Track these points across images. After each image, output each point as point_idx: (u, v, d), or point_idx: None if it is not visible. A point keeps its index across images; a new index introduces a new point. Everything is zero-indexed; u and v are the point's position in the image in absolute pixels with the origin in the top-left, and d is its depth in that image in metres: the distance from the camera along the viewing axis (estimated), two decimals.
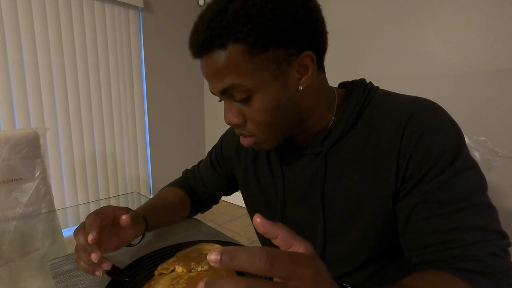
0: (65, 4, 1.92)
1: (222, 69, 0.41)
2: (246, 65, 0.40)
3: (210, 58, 0.41)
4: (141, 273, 0.48)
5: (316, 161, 0.50)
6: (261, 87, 0.42)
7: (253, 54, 0.40)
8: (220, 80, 0.42)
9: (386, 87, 0.52)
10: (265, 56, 0.40)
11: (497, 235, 0.38)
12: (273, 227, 0.25)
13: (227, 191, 0.74)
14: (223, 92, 0.44)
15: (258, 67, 0.40)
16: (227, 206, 2.60)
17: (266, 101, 0.43)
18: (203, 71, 0.45)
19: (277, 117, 0.44)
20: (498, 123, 1.33)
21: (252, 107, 0.43)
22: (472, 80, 1.38)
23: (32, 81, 1.82)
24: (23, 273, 0.53)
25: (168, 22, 2.51)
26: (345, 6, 1.78)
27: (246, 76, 0.41)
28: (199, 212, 0.77)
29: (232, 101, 0.45)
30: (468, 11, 1.37)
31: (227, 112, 0.46)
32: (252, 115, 0.44)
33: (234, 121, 0.46)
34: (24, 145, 1.03)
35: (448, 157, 0.40)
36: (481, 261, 0.36)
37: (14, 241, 0.66)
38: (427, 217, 0.40)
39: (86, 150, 2.11)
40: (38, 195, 1.05)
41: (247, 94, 0.42)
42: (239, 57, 0.40)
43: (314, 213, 0.51)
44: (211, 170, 0.72)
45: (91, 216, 0.46)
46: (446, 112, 0.44)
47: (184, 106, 2.74)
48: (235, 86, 0.42)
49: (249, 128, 0.46)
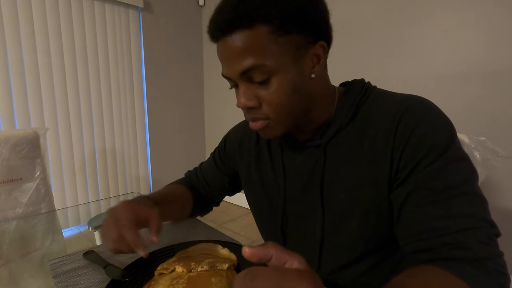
0: (65, 4, 1.92)
1: (245, 49, 0.42)
2: (270, 46, 0.42)
3: (233, 39, 0.42)
4: (141, 273, 0.48)
5: (316, 154, 0.52)
6: (281, 68, 0.44)
7: (278, 36, 0.42)
8: (241, 61, 0.43)
9: (386, 87, 0.52)
10: (288, 39, 0.43)
11: (486, 223, 0.39)
12: (264, 250, 0.25)
13: (229, 190, 0.75)
14: (244, 73, 0.44)
15: (281, 48, 0.43)
16: (227, 206, 2.60)
17: (285, 83, 0.44)
18: (222, 53, 0.45)
19: (294, 100, 0.46)
20: (498, 123, 1.33)
21: (270, 89, 0.45)
22: (472, 80, 1.38)
23: (32, 81, 1.82)
24: (23, 273, 0.53)
25: (168, 22, 2.51)
26: (345, 6, 1.78)
27: (269, 56, 0.43)
28: (199, 214, 0.77)
29: (249, 84, 0.46)
30: (468, 11, 1.37)
31: (242, 96, 0.46)
32: (270, 97, 0.45)
33: (250, 104, 0.46)
34: (24, 145, 1.03)
35: (440, 148, 0.41)
36: (469, 248, 0.37)
37: (14, 241, 0.66)
38: (419, 205, 0.41)
39: (86, 150, 2.11)
40: (38, 195, 1.05)
41: (267, 75, 0.44)
42: (265, 38, 0.42)
43: (314, 205, 0.52)
44: (214, 168, 0.73)
45: (132, 232, 0.44)
46: (439, 108, 0.46)
47: (184, 106, 2.74)
48: (257, 66, 0.43)
49: (264, 110, 0.47)
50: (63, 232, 0.74)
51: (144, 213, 0.48)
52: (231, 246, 0.53)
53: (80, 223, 0.81)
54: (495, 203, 1.36)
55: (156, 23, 2.43)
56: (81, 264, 0.54)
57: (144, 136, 2.47)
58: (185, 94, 2.73)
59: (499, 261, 0.37)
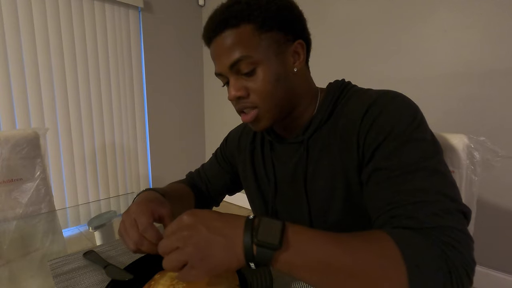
0: (65, 4, 1.92)
1: (233, 45, 0.49)
2: (254, 40, 0.49)
3: (223, 37, 0.50)
4: (141, 273, 0.48)
5: (300, 149, 0.58)
6: (265, 60, 0.50)
7: (261, 32, 0.50)
8: (230, 55, 0.50)
9: (386, 87, 0.53)
10: (270, 35, 0.50)
11: (443, 197, 0.39)
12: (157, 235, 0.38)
13: (231, 187, 0.77)
14: (232, 65, 0.50)
15: (264, 43, 0.50)
16: (227, 206, 2.60)
17: (269, 73, 0.51)
18: (215, 52, 0.52)
19: (278, 89, 0.52)
20: (498, 123, 1.33)
21: (257, 79, 0.51)
22: (472, 80, 1.38)
23: (32, 81, 1.82)
24: (23, 273, 0.53)
25: (168, 22, 2.51)
26: (345, 7, 1.78)
27: (254, 49, 0.49)
28: None
29: (238, 76, 0.52)
30: (468, 11, 1.37)
31: (232, 88, 0.52)
32: (256, 86, 0.51)
33: (239, 94, 0.52)
34: (24, 145, 1.03)
35: (399, 130, 0.45)
36: (415, 218, 0.38)
37: (14, 241, 0.66)
38: (377, 183, 0.45)
39: (86, 150, 2.11)
40: (38, 195, 1.05)
41: (253, 66, 0.50)
42: (249, 34, 0.49)
43: (300, 196, 0.57)
44: (216, 166, 0.77)
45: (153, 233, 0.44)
46: (408, 98, 0.49)
47: (184, 106, 2.74)
48: (244, 58, 0.49)
49: (252, 99, 0.52)
50: (63, 232, 0.74)
51: (159, 211, 0.49)
52: None
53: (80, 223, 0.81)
54: (495, 203, 1.36)
55: (156, 23, 2.43)
56: (81, 264, 0.54)
57: (144, 136, 2.47)
58: (185, 94, 2.73)
59: (448, 232, 0.36)
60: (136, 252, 0.45)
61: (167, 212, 0.49)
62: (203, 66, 2.85)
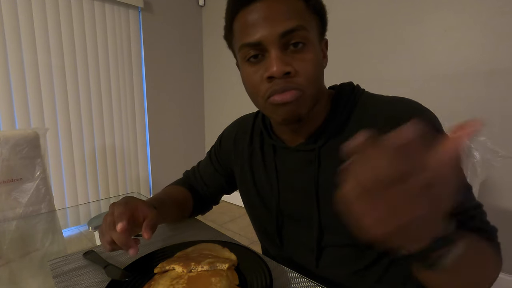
0: (65, 4, 1.92)
1: (290, 11, 0.44)
2: (308, 16, 0.46)
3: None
4: (141, 273, 0.48)
5: (309, 157, 0.53)
6: (314, 40, 0.47)
7: (310, 12, 0.47)
8: (287, 20, 0.44)
9: (386, 87, 0.53)
10: (314, 18, 0.48)
11: (478, 210, 0.44)
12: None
13: (227, 189, 0.75)
14: (285, 34, 0.44)
15: (313, 23, 0.47)
16: (227, 206, 2.60)
17: (315, 54, 0.47)
18: (263, 14, 0.44)
19: (320, 75, 0.49)
20: (498, 123, 1.33)
21: (305, 57, 0.46)
22: (472, 80, 1.38)
23: (32, 81, 1.82)
24: (23, 273, 0.53)
25: (168, 22, 2.51)
26: (344, 6, 1.78)
27: (308, 24, 0.46)
28: (200, 213, 0.77)
29: (284, 50, 0.45)
30: (468, 11, 1.37)
31: (278, 61, 0.44)
32: (305, 65, 0.45)
33: (287, 69, 0.44)
34: (24, 145, 1.03)
35: None
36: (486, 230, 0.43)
37: (14, 241, 0.66)
38: None
39: (86, 150, 2.11)
40: (38, 195, 1.05)
41: (305, 41, 0.45)
42: (303, 7, 0.46)
43: (309, 206, 0.53)
44: (211, 168, 0.73)
45: (121, 207, 0.46)
46: (425, 108, 0.49)
47: (184, 106, 2.74)
48: (301, 28, 0.44)
49: (298, 80, 0.45)
50: (63, 232, 0.74)
51: (142, 212, 0.49)
52: (231, 246, 0.53)
53: (80, 223, 0.81)
54: (495, 203, 1.36)
55: (156, 23, 2.43)
56: (81, 264, 0.54)
57: (144, 136, 2.47)
58: (185, 94, 2.73)
59: (495, 236, 0.44)
60: (111, 251, 0.47)
61: (150, 212, 0.50)
62: (203, 66, 2.85)
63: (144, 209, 0.50)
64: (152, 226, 0.48)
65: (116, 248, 0.46)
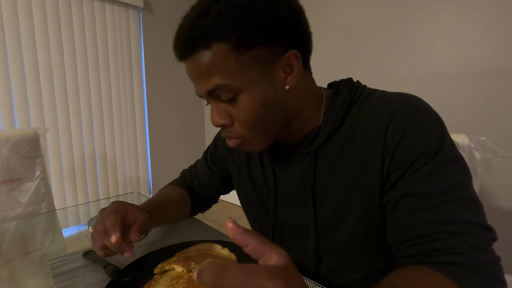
0: (65, 4, 1.92)
1: (208, 69, 0.41)
2: (231, 65, 0.40)
3: (195, 59, 0.41)
4: (141, 273, 0.48)
5: (306, 161, 0.51)
6: (247, 86, 0.42)
7: (238, 53, 0.40)
8: (206, 81, 0.42)
9: (386, 87, 0.52)
10: (250, 55, 0.40)
11: (481, 228, 0.38)
12: (243, 234, 0.24)
13: (223, 190, 0.75)
14: (210, 93, 0.43)
15: (244, 66, 0.41)
16: (227, 206, 2.60)
17: (253, 100, 0.43)
18: (189, 73, 0.44)
19: (264, 116, 0.44)
20: (498, 123, 1.33)
21: (239, 107, 0.43)
22: (472, 80, 1.38)
23: (32, 81, 1.82)
24: (23, 273, 0.53)
25: (168, 22, 2.51)
26: (344, 6, 1.78)
27: (231, 76, 0.41)
28: (199, 212, 0.77)
29: (219, 102, 0.45)
30: (468, 11, 1.37)
31: (214, 114, 0.45)
32: (239, 115, 0.44)
33: (221, 122, 0.45)
34: (24, 145, 1.03)
35: (431, 150, 0.40)
36: (462, 253, 0.36)
37: (14, 241, 0.66)
38: (411, 210, 0.40)
39: (86, 150, 2.11)
40: (38, 195, 1.05)
41: (233, 94, 0.42)
42: (224, 57, 0.40)
43: (305, 211, 0.52)
44: (207, 170, 0.73)
45: (112, 216, 0.46)
46: (429, 105, 0.45)
47: (184, 106, 2.74)
48: (221, 86, 0.41)
49: (236, 129, 0.46)
50: (63, 232, 0.74)
51: (133, 216, 0.50)
52: (231, 246, 0.53)
53: (80, 223, 0.81)
54: (495, 203, 1.36)
55: (156, 23, 2.43)
56: (81, 264, 0.54)
57: (144, 136, 2.47)
58: (185, 94, 2.73)
59: (494, 266, 0.36)
60: (104, 256, 0.47)
61: (140, 215, 0.50)
62: None
63: (134, 212, 0.50)
64: (140, 229, 0.48)
65: (110, 253, 0.46)
